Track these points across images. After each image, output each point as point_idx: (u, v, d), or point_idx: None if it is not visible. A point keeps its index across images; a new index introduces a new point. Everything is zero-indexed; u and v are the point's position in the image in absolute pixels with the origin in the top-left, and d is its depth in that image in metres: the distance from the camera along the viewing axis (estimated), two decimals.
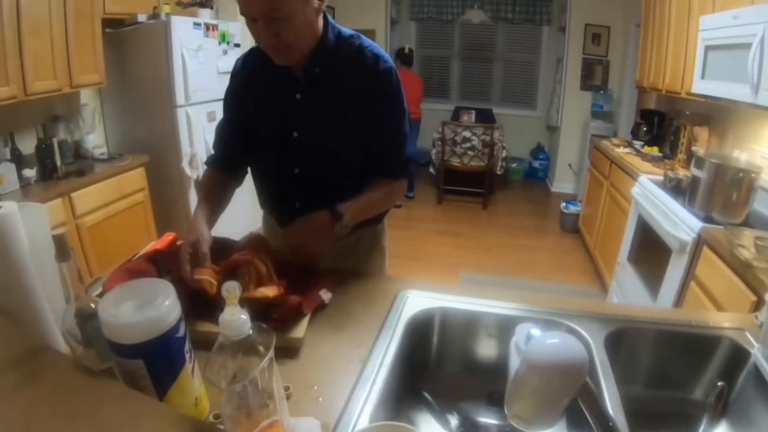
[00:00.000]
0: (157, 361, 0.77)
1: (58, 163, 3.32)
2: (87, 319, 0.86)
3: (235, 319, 0.69)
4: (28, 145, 3.21)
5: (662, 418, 1.28)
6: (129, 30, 3.67)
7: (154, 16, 3.63)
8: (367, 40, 1.43)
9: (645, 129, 4.47)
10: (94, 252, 3.17)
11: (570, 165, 6.62)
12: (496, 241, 5.14)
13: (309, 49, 1.34)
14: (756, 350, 1.20)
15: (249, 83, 1.50)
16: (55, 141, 3.34)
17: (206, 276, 1.16)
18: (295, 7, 1.19)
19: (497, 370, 1.33)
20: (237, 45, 4.23)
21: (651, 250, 3.06)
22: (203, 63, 3.82)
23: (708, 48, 2.89)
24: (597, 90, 6.19)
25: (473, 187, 6.16)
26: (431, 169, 6.52)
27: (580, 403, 0.75)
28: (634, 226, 3.42)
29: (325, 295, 1.28)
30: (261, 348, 0.70)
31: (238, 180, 1.63)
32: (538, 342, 0.73)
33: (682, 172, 3.11)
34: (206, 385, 0.88)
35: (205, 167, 1.65)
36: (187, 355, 0.82)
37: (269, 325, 0.76)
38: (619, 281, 3.61)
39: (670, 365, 1.30)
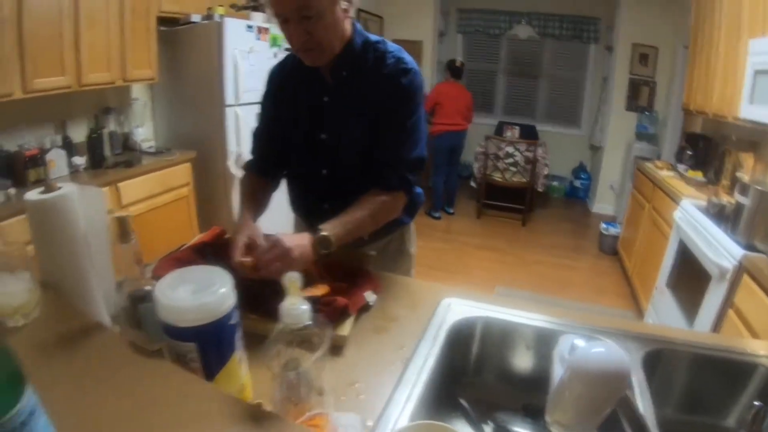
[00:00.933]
0: (209, 346, 0.79)
1: (107, 153, 3.45)
2: (138, 301, 0.90)
3: (296, 308, 0.72)
4: (79, 134, 3.35)
5: None
6: (183, 29, 3.79)
7: (208, 16, 3.73)
8: (392, 45, 1.48)
9: (690, 153, 4.39)
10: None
11: (611, 186, 6.52)
12: (533, 258, 5.10)
13: (337, 52, 1.39)
14: None
15: (281, 88, 1.58)
16: (105, 132, 3.47)
17: (248, 260, 1.19)
18: (325, 5, 1.25)
19: (533, 382, 1.34)
20: (287, 49, 4.26)
21: (690, 275, 3.00)
22: (254, 65, 3.90)
23: (757, 72, 2.83)
24: (642, 111, 6.09)
25: (514, 203, 6.14)
26: (472, 183, 6.52)
27: (620, 416, 0.77)
28: (674, 251, 3.36)
29: (370, 297, 1.31)
30: (316, 340, 0.73)
31: (275, 184, 1.68)
32: (584, 350, 0.74)
33: (725, 198, 3.04)
34: (251, 375, 0.90)
35: (244, 171, 1.70)
36: (238, 343, 0.84)
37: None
38: (655, 306, 3.55)
39: (704, 389, 1.28)
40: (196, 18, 3.75)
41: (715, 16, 3.68)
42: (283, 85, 1.57)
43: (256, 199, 1.57)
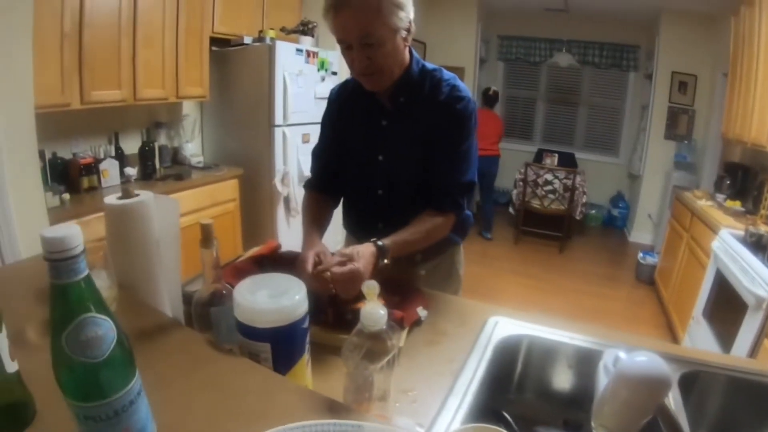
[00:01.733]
0: (282, 347, 0.86)
1: (157, 165, 3.60)
2: (210, 304, 0.97)
3: (375, 312, 0.79)
4: (131, 146, 3.51)
5: None
6: (234, 50, 3.95)
7: (260, 39, 3.89)
8: (447, 74, 1.53)
9: (728, 182, 4.37)
10: (185, 257, 3.37)
11: (650, 215, 6.46)
12: (570, 286, 5.09)
13: (396, 78, 1.45)
14: None
15: (341, 109, 1.64)
16: (156, 145, 3.63)
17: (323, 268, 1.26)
18: (386, 34, 1.32)
19: (574, 399, 1.37)
20: (334, 73, 4.44)
21: (727, 305, 2.99)
22: (302, 87, 4.03)
23: None
24: (681, 140, 6.06)
25: (551, 230, 6.17)
26: (511, 209, 6.55)
27: (662, 424, 0.82)
28: (711, 281, 3.33)
29: (422, 312, 1.36)
30: (389, 343, 0.80)
31: (335, 202, 1.75)
32: (630, 358, 0.80)
33: (763, 228, 3.04)
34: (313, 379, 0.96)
35: (303, 189, 1.78)
36: (306, 347, 0.91)
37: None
38: (691, 336, 3.52)
39: (739, 412, 1.29)
40: (247, 40, 3.91)
41: (753, 43, 3.69)
42: (342, 106, 1.64)
43: (318, 216, 1.64)
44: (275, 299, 0.85)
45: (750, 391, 1.27)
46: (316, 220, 1.60)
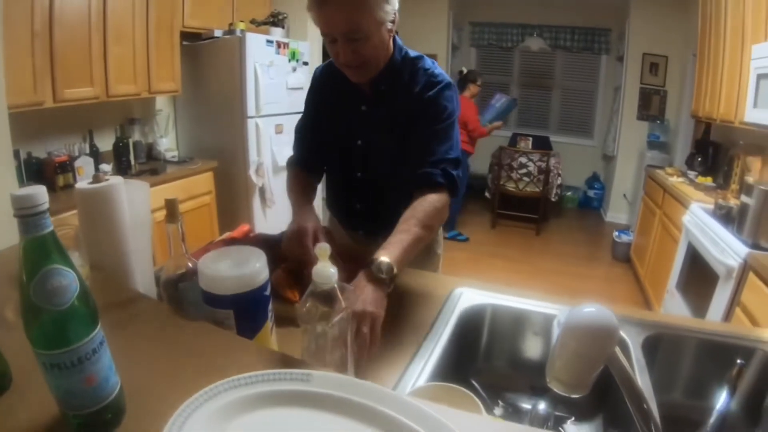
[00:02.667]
0: (244, 313, 0.90)
1: (132, 161, 3.61)
2: (178, 280, 1.00)
3: (326, 270, 0.83)
4: (105, 143, 3.52)
5: (695, 426, 1.30)
6: (205, 44, 3.96)
7: (230, 32, 3.89)
8: (429, 61, 1.53)
9: (699, 159, 4.45)
10: (159, 245, 3.39)
11: (625, 195, 6.56)
12: (547, 267, 5.15)
13: (380, 68, 1.45)
14: None
15: (323, 91, 1.65)
16: (130, 141, 3.64)
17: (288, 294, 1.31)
18: (372, 28, 1.30)
19: (541, 366, 1.39)
20: (305, 63, 4.46)
21: (699, 277, 3.06)
22: (274, 78, 4.05)
23: (760, 76, 2.90)
24: (654, 120, 6.15)
25: (527, 212, 6.20)
26: (486, 194, 6.59)
27: (614, 374, 0.85)
28: (683, 254, 3.42)
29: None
30: (343, 302, 0.84)
31: (318, 178, 1.75)
32: (577, 310, 0.82)
33: (733, 201, 3.11)
34: (278, 345, 1.00)
35: (286, 167, 1.78)
36: (270, 314, 0.95)
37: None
38: (666, 309, 3.60)
39: (703, 374, 1.33)
40: (218, 33, 3.92)
41: (720, 23, 3.76)
42: (324, 88, 1.65)
43: (304, 191, 1.63)
44: (236, 267, 0.89)
45: (713, 351, 1.31)
46: (303, 194, 1.60)
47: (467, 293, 1.46)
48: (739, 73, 3.32)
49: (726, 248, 2.71)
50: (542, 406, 1.14)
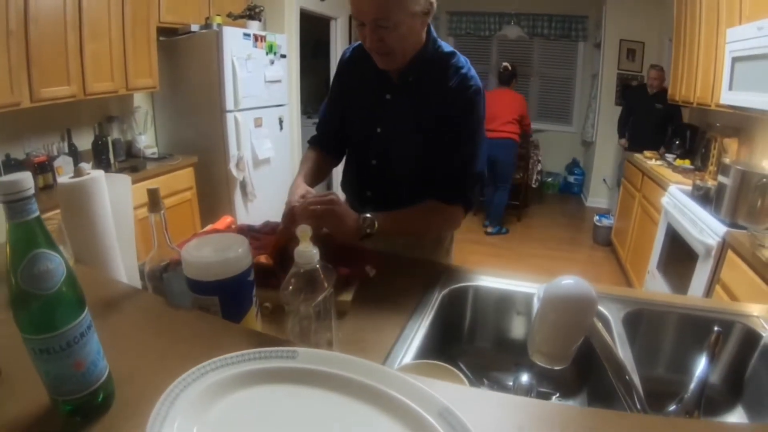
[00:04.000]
0: (229, 299, 0.90)
1: (112, 159, 3.57)
2: (162, 271, 1.01)
3: (307, 251, 0.84)
4: (84, 141, 3.49)
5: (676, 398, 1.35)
6: (182, 38, 3.93)
7: (207, 26, 3.87)
8: (463, 60, 1.49)
9: (678, 142, 4.52)
10: (142, 242, 3.38)
11: (605, 180, 6.65)
12: (529, 252, 5.20)
13: (409, 58, 1.43)
14: None
15: (350, 74, 1.63)
16: (109, 139, 3.60)
17: (262, 259, 1.30)
18: (402, 17, 1.28)
19: (525, 345, 1.43)
20: (283, 56, 4.46)
21: (679, 257, 3.12)
22: (252, 71, 4.04)
23: (735, 59, 2.94)
24: None
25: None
26: None
27: (595, 347, 0.87)
28: (663, 235, 3.48)
29: (371, 271, 1.39)
30: (325, 283, 0.85)
31: (336, 160, 1.75)
32: (555, 283, 0.83)
33: (711, 182, 3.17)
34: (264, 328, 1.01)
35: (308, 144, 1.78)
36: (254, 299, 0.96)
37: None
38: (648, 289, 3.65)
39: (684, 348, 1.35)
40: (194, 28, 3.89)
41: (695, 7, 3.81)
42: (352, 70, 1.63)
43: (315, 168, 1.64)
44: (220, 253, 0.90)
45: (692, 325, 1.33)
46: (309, 169, 1.62)
47: (450, 275, 1.47)
48: (715, 56, 3.37)
49: (704, 227, 2.76)
50: (525, 378, 1.17)
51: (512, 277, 1.47)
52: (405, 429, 0.58)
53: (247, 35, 3.98)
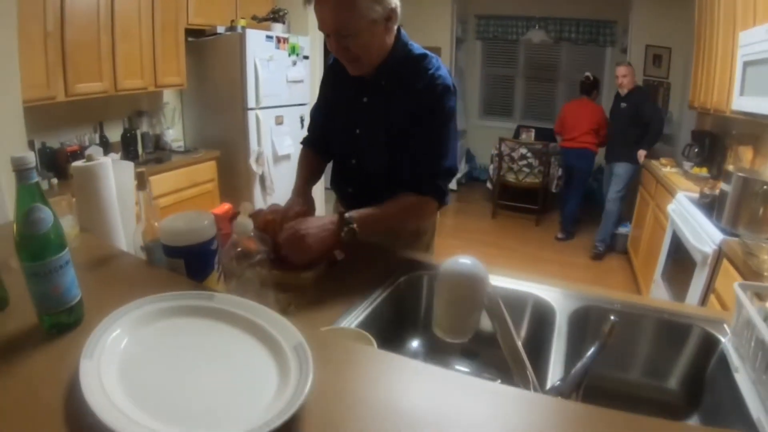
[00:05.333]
0: (192, 263, 1.08)
1: (140, 151, 3.80)
2: (152, 247, 1.19)
3: (243, 222, 1.04)
4: (115, 134, 3.73)
5: (637, 403, 1.35)
6: (209, 39, 4.15)
7: (232, 28, 4.08)
8: (434, 60, 1.57)
9: (696, 150, 4.44)
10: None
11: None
12: (542, 257, 5.19)
13: (376, 64, 1.52)
14: (727, 339, 1.25)
15: (333, 79, 1.74)
16: (138, 132, 3.84)
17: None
18: (362, 26, 1.38)
19: (477, 335, 1.51)
20: (306, 57, 4.63)
21: (680, 266, 3.07)
22: (274, 72, 4.23)
23: (746, 64, 2.86)
24: None
25: (528, 203, 6.24)
26: (488, 184, 6.67)
27: (493, 325, 0.94)
28: (668, 243, 3.43)
29: (339, 255, 1.51)
30: (260, 247, 1.05)
31: (326, 159, 1.88)
32: (448, 262, 0.91)
33: (718, 190, 3.07)
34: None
35: (301, 147, 1.93)
36: (216, 266, 1.12)
37: (285, 267, 1.23)
38: (652, 298, 3.61)
39: (642, 351, 1.38)
40: (220, 29, 4.10)
41: (714, 12, 3.75)
42: (334, 76, 1.72)
43: (310, 169, 1.82)
44: (188, 224, 1.08)
45: (651, 328, 1.37)
46: (305, 173, 1.80)
47: (412, 265, 1.56)
48: (731, 61, 3.25)
49: (703, 235, 2.72)
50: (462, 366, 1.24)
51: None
52: (270, 355, 0.77)
53: (269, 37, 4.15)
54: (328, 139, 1.81)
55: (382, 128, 1.60)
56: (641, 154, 4.87)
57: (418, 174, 1.56)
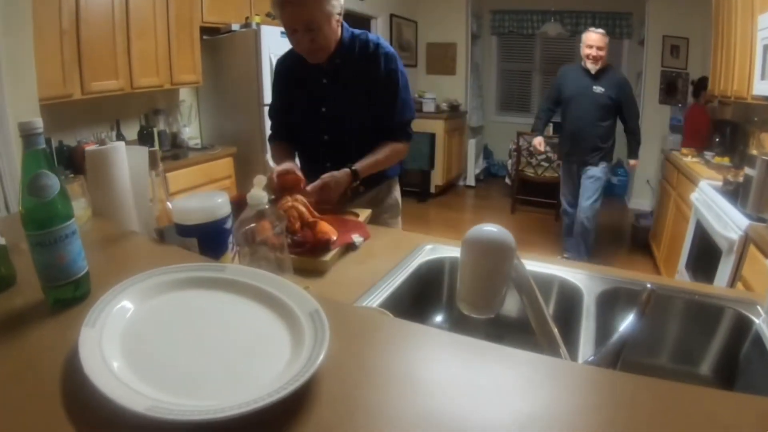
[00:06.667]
0: (206, 242, 1.07)
1: (157, 148, 3.79)
2: (164, 230, 1.17)
3: (257, 193, 1.01)
4: (132, 131, 3.75)
5: None
6: (224, 37, 4.17)
7: (246, 25, 4.09)
8: (372, 35, 1.91)
9: (717, 140, 4.40)
10: None
11: (648, 181, 6.49)
12: (560, 251, 5.13)
13: (333, 50, 1.80)
14: (761, 320, 1.21)
15: (288, 75, 1.98)
16: (155, 130, 3.85)
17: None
18: (324, 19, 1.67)
19: (497, 315, 1.49)
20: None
21: (705, 255, 3.04)
22: None
23: (766, 47, 2.83)
24: (676, 103, 6.07)
25: (547, 198, 6.20)
26: (507, 180, 6.61)
27: (520, 296, 0.92)
28: (692, 233, 3.39)
29: (357, 239, 1.53)
30: (277, 222, 1.01)
31: (294, 146, 2.07)
32: (474, 230, 0.86)
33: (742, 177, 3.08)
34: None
35: (268, 143, 2.17)
36: (230, 245, 1.10)
37: (303, 250, 1.24)
38: None
39: (672, 335, 1.36)
40: (235, 27, 4.12)
41: None
42: (288, 71, 1.98)
43: (289, 154, 2.00)
44: (201, 203, 1.07)
45: (683, 310, 1.34)
46: (287, 156, 1.96)
47: (432, 248, 1.56)
48: (750, 46, 3.23)
49: (729, 222, 2.69)
50: None
51: None
52: (283, 323, 0.74)
53: (284, 33, 4.06)
54: (294, 128, 2.03)
55: (345, 101, 1.90)
56: (635, 164, 4.42)
57: (391, 126, 1.93)
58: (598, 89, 4.07)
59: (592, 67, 4.09)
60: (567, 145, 4.48)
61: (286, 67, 1.99)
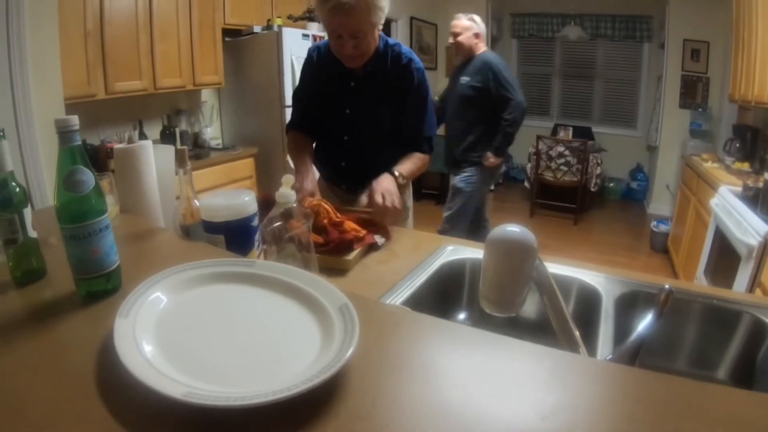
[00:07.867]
0: (233, 239, 1.10)
1: (185, 147, 3.86)
2: (187, 227, 1.20)
3: (286, 192, 1.05)
4: (154, 131, 3.81)
5: None
6: (246, 39, 4.22)
7: (268, 27, 4.14)
8: (405, 47, 1.93)
9: (737, 145, 4.36)
10: None
11: (667, 186, 6.43)
12: (580, 256, 5.05)
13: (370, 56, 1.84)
14: None
15: (318, 69, 1.98)
16: (177, 130, 3.91)
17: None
18: (369, 29, 1.71)
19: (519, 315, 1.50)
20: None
21: (724, 261, 3.02)
22: None
23: None
24: (696, 108, 6.01)
25: (566, 202, 6.18)
26: (526, 183, 6.61)
27: (541, 296, 0.93)
28: (711, 239, 3.36)
29: (380, 239, 1.56)
30: (304, 220, 1.04)
31: (313, 138, 2.09)
32: (497, 230, 0.88)
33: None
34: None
35: (286, 130, 2.13)
36: (257, 243, 1.13)
37: (327, 249, 1.27)
38: None
39: (689, 339, 1.35)
40: (257, 29, 4.18)
41: (752, 1, 3.68)
42: (319, 66, 1.98)
43: (303, 150, 2.00)
44: (228, 200, 1.10)
45: (699, 314, 1.34)
46: (302, 154, 1.96)
47: (453, 249, 1.58)
48: None
49: (748, 228, 2.67)
50: None
51: None
52: (313, 316, 0.76)
53: (305, 35, 4.20)
54: (316, 121, 2.04)
55: (371, 107, 1.93)
56: (492, 160, 3.58)
57: (420, 139, 1.99)
58: (464, 80, 3.53)
59: (457, 58, 3.63)
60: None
61: (318, 56, 1.99)
